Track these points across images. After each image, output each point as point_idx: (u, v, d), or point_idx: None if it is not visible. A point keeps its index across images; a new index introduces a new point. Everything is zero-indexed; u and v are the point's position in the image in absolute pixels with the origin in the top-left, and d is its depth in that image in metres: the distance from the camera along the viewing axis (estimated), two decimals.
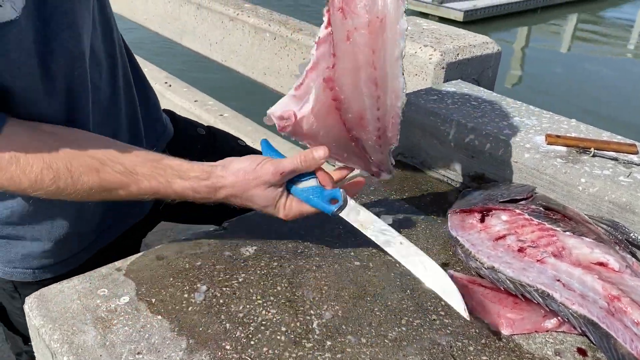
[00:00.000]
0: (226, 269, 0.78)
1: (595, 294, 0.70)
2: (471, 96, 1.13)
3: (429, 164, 1.08)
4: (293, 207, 0.77)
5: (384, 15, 0.65)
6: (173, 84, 2.53)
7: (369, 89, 0.70)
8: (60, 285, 0.74)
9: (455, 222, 0.85)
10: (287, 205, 0.77)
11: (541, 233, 0.79)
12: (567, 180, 0.88)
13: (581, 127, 1.02)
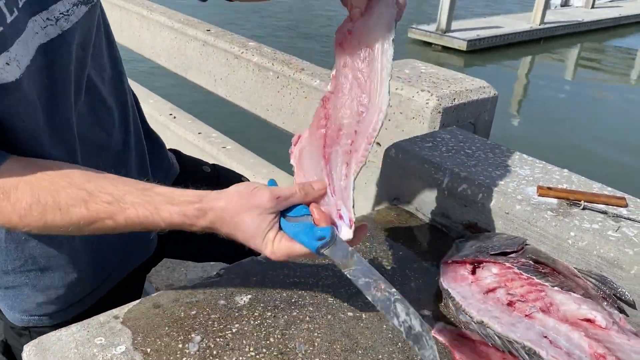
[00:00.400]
0: (220, 319, 0.80)
1: (582, 352, 0.71)
2: (466, 144, 1.16)
3: (424, 211, 1.10)
4: (282, 244, 0.74)
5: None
6: (178, 115, 2.57)
7: (356, 106, 0.77)
8: (58, 333, 0.76)
9: (447, 274, 0.87)
10: (276, 241, 0.74)
11: (530, 287, 0.81)
12: (557, 234, 0.90)
13: (573, 178, 1.04)
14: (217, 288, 0.87)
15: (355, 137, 0.76)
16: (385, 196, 1.19)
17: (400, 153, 1.12)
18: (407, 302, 0.70)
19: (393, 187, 1.16)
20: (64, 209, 0.72)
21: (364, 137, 0.76)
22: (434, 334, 0.80)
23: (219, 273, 0.91)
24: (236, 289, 0.86)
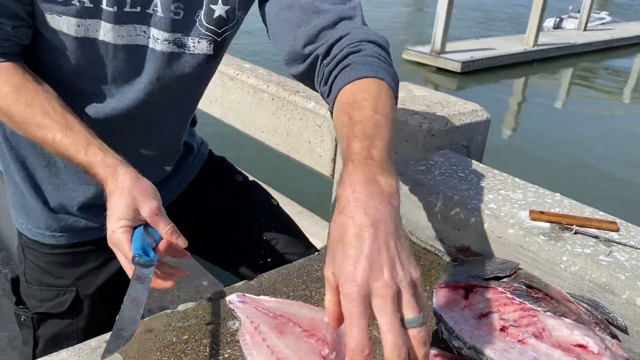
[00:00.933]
0: (212, 344, 0.79)
1: None
2: (459, 167, 1.17)
3: (417, 234, 1.10)
4: (120, 235, 0.79)
5: None
6: None
7: None
8: (49, 359, 0.75)
9: (440, 299, 0.87)
10: (117, 233, 0.79)
11: (522, 313, 0.81)
12: (550, 258, 0.90)
13: (565, 202, 1.05)
14: (209, 312, 0.86)
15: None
16: None
17: None
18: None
19: None
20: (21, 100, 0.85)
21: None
22: None
23: (211, 297, 0.90)
24: (228, 313, 0.86)
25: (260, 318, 0.83)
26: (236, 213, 1.21)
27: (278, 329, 0.81)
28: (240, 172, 1.27)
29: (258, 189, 1.27)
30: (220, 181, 1.23)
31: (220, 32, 0.95)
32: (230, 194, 1.22)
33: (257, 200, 1.24)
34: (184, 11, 0.90)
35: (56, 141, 0.84)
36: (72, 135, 0.84)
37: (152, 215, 0.81)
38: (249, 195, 1.23)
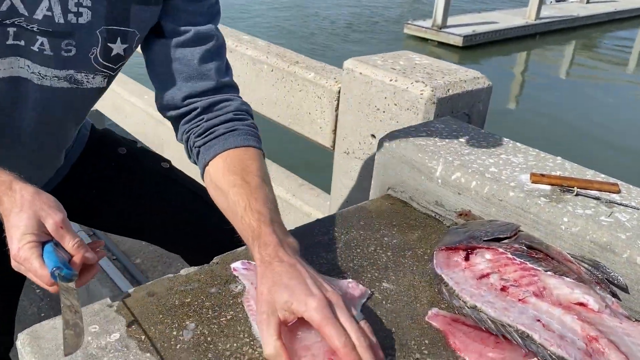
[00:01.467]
0: (214, 306, 0.80)
1: (574, 335, 0.72)
2: (459, 133, 1.16)
3: (418, 200, 1.10)
4: (28, 251, 0.72)
5: None
6: None
7: None
8: (52, 322, 0.76)
9: (441, 260, 0.87)
10: (23, 250, 0.72)
11: (523, 272, 0.81)
12: (550, 219, 0.90)
13: (566, 165, 1.04)
14: (210, 277, 0.87)
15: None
16: (379, 186, 1.19)
17: (394, 142, 1.12)
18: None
19: (387, 177, 1.16)
20: None
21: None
22: (428, 319, 0.80)
23: (214, 262, 0.91)
24: (230, 276, 0.87)
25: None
26: (126, 184, 1.19)
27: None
28: (125, 143, 1.24)
29: (145, 155, 1.25)
30: (105, 156, 1.21)
31: (116, 68, 0.95)
32: (116, 166, 1.20)
33: (145, 167, 1.22)
34: (76, 48, 0.88)
35: None
36: None
37: (57, 228, 0.75)
38: (136, 163, 1.22)
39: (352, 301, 0.79)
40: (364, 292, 0.84)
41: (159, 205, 1.20)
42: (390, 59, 1.53)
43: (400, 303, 0.84)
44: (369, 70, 1.46)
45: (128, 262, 2.20)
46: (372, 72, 1.45)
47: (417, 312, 0.82)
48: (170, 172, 1.23)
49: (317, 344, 0.70)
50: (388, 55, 1.57)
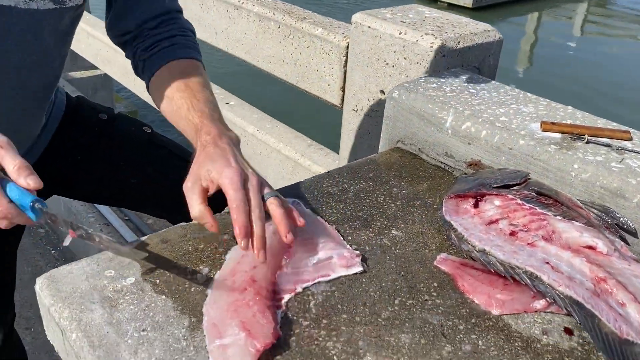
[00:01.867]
0: (227, 252, 0.81)
1: (583, 276, 0.72)
2: (470, 84, 1.15)
3: (427, 151, 1.10)
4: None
5: None
6: None
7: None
8: (69, 267, 0.77)
9: (450, 207, 0.88)
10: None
11: (532, 217, 0.82)
12: (560, 167, 0.90)
13: (577, 115, 1.03)
14: (222, 225, 0.88)
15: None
16: (388, 139, 1.19)
17: (403, 94, 1.12)
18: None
19: (396, 129, 1.16)
20: None
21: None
22: (437, 264, 0.81)
23: (225, 211, 0.92)
24: None
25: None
26: (107, 150, 1.18)
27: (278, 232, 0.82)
28: (104, 109, 1.23)
29: (126, 121, 1.24)
30: (85, 122, 1.19)
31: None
32: (97, 133, 1.19)
33: (127, 133, 1.21)
34: None
35: None
36: None
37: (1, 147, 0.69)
38: (117, 129, 1.20)
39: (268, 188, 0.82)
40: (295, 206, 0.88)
41: (142, 170, 1.19)
42: (399, 12, 1.50)
43: (409, 249, 0.85)
44: (378, 23, 1.44)
45: (140, 222, 2.23)
46: (381, 26, 1.43)
47: (426, 257, 0.83)
48: (152, 137, 1.22)
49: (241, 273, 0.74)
50: (397, 9, 1.54)
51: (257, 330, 0.64)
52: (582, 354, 0.68)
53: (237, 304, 0.68)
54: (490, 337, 0.69)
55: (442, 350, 0.67)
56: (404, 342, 0.68)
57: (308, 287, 0.75)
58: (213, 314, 0.68)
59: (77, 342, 0.66)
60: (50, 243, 2.54)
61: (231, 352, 0.62)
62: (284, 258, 0.78)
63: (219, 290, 0.72)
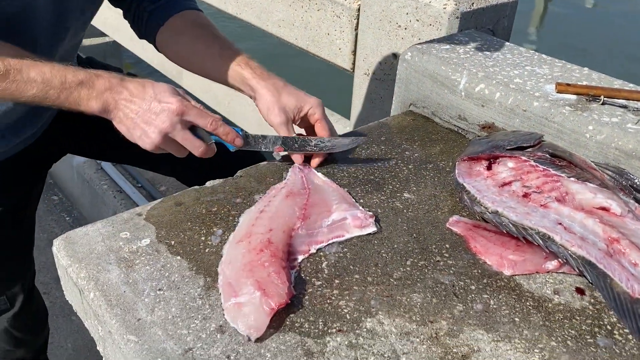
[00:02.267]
0: (240, 215, 0.82)
1: (595, 237, 0.72)
2: (484, 45, 1.13)
3: (440, 114, 1.09)
4: (190, 102, 0.83)
5: None
6: None
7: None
8: (85, 229, 0.79)
9: (463, 170, 0.87)
10: (186, 99, 0.83)
11: (546, 179, 0.81)
12: (575, 128, 0.89)
13: (593, 76, 1.02)
14: (235, 188, 0.88)
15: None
16: (400, 103, 1.18)
17: (416, 56, 1.10)
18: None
19: (409, 92, 1.14)
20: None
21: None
22: (449, 226, 0.81)
23: (237, 175, 0.92)
24: (254, 188, 0.88)
25: (294, 184, 0.87)
26: None
27: (292, 195, 0.83)
28: (114, 69, 1.19)
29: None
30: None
31: None
32: None
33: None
34: None
35: (52, 72, 0.80)
36: (40, 64, 0.80)
37: (185, 94, 0.85)
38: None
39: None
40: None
41: None
42: None
43: (421, 211, 0.85)
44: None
45: (153, 189, 2.25)
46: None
47: (438, 220, 0.83)
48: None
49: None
50: None
51: (272, 290, 0.65)
52: (593, 313, 0.68)
53: (253, 264, 0.69)
54: (501, 296, 0.70)
55: (453, 309, 0.68)
56: (416, 301, 0.69)
57: (321, 249, 0.76)
58: (229, 273, 0.69)
59: (95, 301, 0.68)
60: (65, 210, 2.57)
61: (246, 310, 0.64)
62: (298, 220, 0.78)
63: (234, 251, 0.73)
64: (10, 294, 1.12)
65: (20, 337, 1.17)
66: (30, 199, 1.14)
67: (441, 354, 0.62)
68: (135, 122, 0.82)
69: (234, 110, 2.28)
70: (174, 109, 0.81)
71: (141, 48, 2.80)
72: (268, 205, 0.81)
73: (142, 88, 0.82)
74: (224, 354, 0.61)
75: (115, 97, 0.82)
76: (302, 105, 0.93)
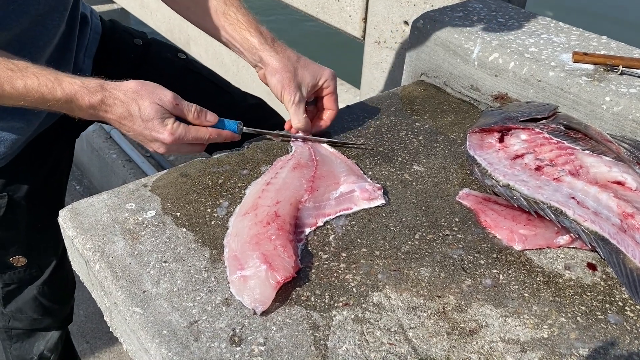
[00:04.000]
0: (247, 186, 0.81)
1: (609, 212, 0.71)
2: (498, 13, 1.09)
3: (452, 84, 1.06)
4: (181, 127, 0.80)
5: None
6: None
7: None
8: (90, 200, 0.78)
9: (474, 142, 0.85)
10: (176, 125, 0.80)
11: (560, 152, 0.79)
12: (591, 99, 0.86)
13: (612, 45, 0.98)
14: (242, 159, 0.87)
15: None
16: (411, 72, 1.15)
17: (428, 24, 1.07)
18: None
19: (420, 61, 1.11)
20: None
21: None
22: (459, 199, 0.80)
23: (244, 146, 0.91)
24: (260, 159, 0.87)
25: (301, 155, 0.86)
26: (144, 77, 1.16)
27: (299, 167, 0.82)
28: (138, 34, 1.19)
29: (159, 45, 1.20)
30: (122, 48, 1.15)
31: None
32: (132, 60, 1.15)
33: (162, 58, 1.17)
34: None
35: (16, 92, 0.76)
36: (31, 74, 0.76)
37: (174, 106, 0.80)
38: (148, 55, 1.16)
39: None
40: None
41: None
42: None
43: (430, 184, 0.83)
44: None
45: (162, 159, 2.25)
46: None
47: (448, 193, 0.82)
48: (188, 63, 1.20)
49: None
50: None
51: (278, 263, 0.64)
52: (604, 289, 0.67)
53: (259, 237, 0.68)
54: (511, 271, 0.69)
55: (462, 284, 0.67)
56: (424, 275, 0.68)
57: (329, 221, 0.75)
58: (235, 246, 0.69)
59: (101, 273, 0.68)
60: (75, 179, 2.58)
61: (252, 284, 0.63)
62: (305, 193, 0.77)
63: (240, 223, 0.72)
64: (42, 263, 1.14)
65: (48, 305, 1.18)
66: (62, 168, 1.15)
67: (448, 329, 0.61)
68: (133, 136, 0.82)
69: (242, 78, 2.25)
70: (167, 141, 0.80)
71: (149, 14, 2.76)
72: (275, 177, 0.80)
73: (128, 113, 0.79)
74: (230, 327, 0.60)
75: (103, 115, 0.80)
76: (317, 79, 0.89)
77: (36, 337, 1.23)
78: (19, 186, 1.02)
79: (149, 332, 0.60)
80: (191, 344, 0.58)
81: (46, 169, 1.07)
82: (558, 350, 0.59)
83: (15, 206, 1.02)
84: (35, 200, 1.06)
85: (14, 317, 1.18)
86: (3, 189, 1.01)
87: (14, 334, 1.21)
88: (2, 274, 1.10)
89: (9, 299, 1.15)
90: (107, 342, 1.83)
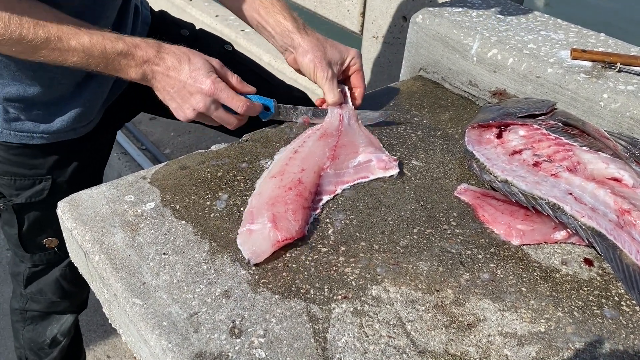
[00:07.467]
0: (246, 180, 0.81)
1: (606, 208, 0.71)
2: (497, 9, 1.10)
3: (450, 80, 1.07)
4: (222, 83, 0.84)
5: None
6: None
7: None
8: (89, 192, 0.78)
9: (472, 137, 0.86)
10: (218, 79, 0.83)
11: (557, 148, 0.80)
12: (589, 96, 0.87)
13: (610, 42, 0.99)
14: (241, 153, 0.87)
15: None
16: (410, 67, 1.15)
17: (427, 19, 1.07)
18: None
19: (419, 57, 1.12)
20: (26, 24, 0.76)
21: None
22: (457, 194, 0.80)
23: (244, 139, 0.91)
24: (260, 153, 0.87)
25: (330, 125, 0.91)
26: None
27: (325, 136, 0.87)
28: (185, 25, 1.19)
29: (206, 37, 1.21)
30: (169, 39, 1.15)
31: None
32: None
33: (209, 50, 1.17)
34: None
35: (70, 48, 0.79)
36: (83, 34, 0.80)
37: (221, 67, 0.86)
38: (200, 46, 1.16)
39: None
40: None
41: None
42: None
43: (429, 179, 0.84)
44: None
45: (157, 152, 2.24)
46: None
47: (446, 188, 0.82)
48: (234, 55, 1.20)
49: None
50: None
51: (283, 225, 0.69)
52: (601, 284, 0.67)
53: (277, 199, 0.73)
54: (509, 266, 0.69)
55: (459, 278, 0.67)
56: (422, 269, 0.68)
57: (344, 189, 0.80)
58: (254, 203, 0.74)
59: (100, 264, 0.68)
60: None
61: (255, 237, 0.68)
62: (328, 160, 0.82)
63: (266, 185, 0.77)
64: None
65: (68, 288, 1.18)
66: (103, 155, 1.17)
67: (446, 323, 0.62)
68: (172, 95, 0.85)
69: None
70: (207, 91, 0.83)
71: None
72: (302, 145, 0.85)
73: (179, 63, 0.83)
74: (229, 319, 0.61)
75: (153, 68, 0.84)
76: (345, 57, 0.94)
77: (50, 320, 1.23)
78: (64, 170, 1.04)
79: (148, 323, 0.60)
80: (191, 335, 0.59)
81: (88, 154, 1.08)
82: (555, 344, 0.60)
83: (57, 190, 1.04)
84: (75, 184, 1.05)
85: (33, 298, 1.18)
86: (48, 171, 1.02)
87: (29, 316, 1.21)
88: (32, 255, 1.11)
89: (32, 280, 1.15)
90: (101, 335, 1.83)
